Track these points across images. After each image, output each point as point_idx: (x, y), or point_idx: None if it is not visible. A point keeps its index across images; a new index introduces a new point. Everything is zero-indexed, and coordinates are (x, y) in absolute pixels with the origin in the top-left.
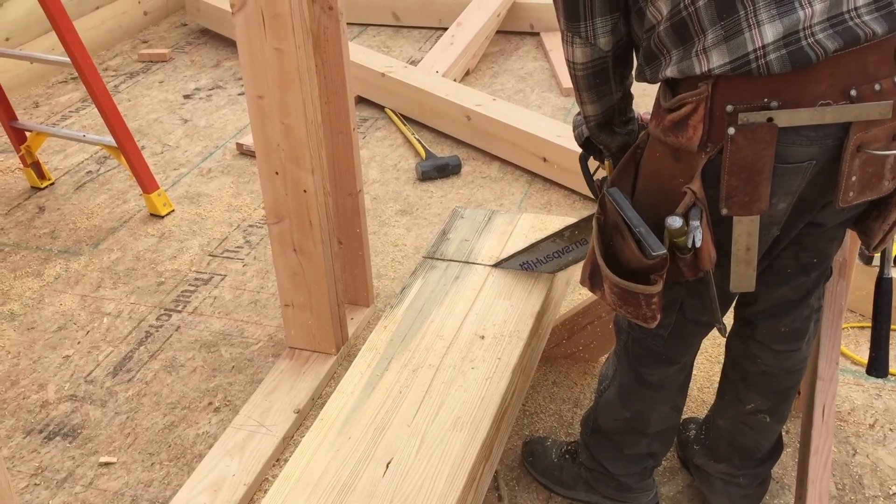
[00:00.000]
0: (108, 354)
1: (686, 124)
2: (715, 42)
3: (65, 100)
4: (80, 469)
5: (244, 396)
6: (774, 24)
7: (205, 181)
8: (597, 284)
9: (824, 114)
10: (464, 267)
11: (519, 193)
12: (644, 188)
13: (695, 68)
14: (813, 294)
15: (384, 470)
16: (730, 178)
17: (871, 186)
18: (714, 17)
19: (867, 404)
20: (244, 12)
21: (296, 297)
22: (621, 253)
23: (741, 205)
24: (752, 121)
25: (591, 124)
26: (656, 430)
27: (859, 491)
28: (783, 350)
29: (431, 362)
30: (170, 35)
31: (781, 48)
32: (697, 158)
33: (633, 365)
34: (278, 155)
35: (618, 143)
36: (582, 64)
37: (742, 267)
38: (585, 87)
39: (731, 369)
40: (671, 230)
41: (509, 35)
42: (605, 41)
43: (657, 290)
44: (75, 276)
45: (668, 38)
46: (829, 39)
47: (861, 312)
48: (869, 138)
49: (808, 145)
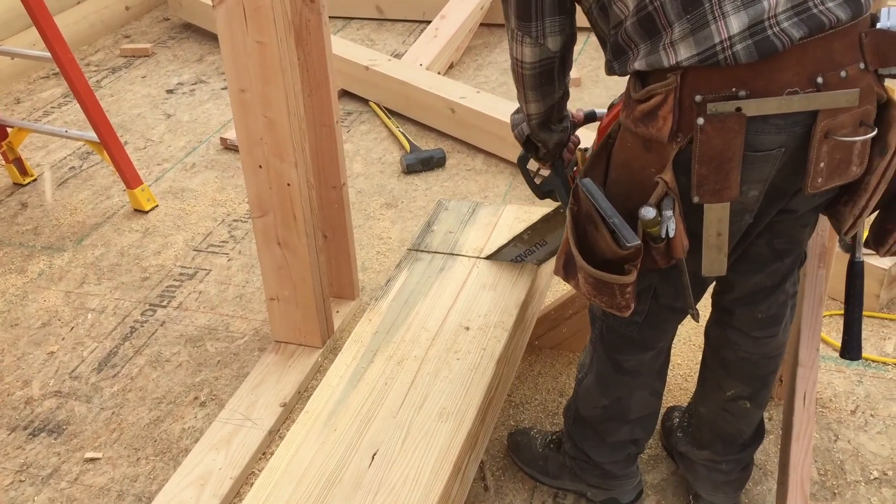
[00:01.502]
0: (93, 350)
1: (656, 115)
2: (682, 35)
3: (47, 95)
4: (66, 465)
5: (230, 391)
6: (739, 14)
7: (189, 176)
8: (571, 274)
9: (792, 102)
10: (448, 259)
11: (503, 185)
12: (616, 178)
13: (663, 61)
14: (787, 280)
15: (370, 461)
16: (700, 167)
17: (839, 172)
18: (680, 11)
19: (848, 391)
20: (225, 5)
21: (281, 291)
22: (595, 243)
23: (712, 193)
24: (720, 111)
25: (534, 122)
26: (637, 416)
27: (841, 476)
28: (761, 336)
29: (416, 354)
30: (152, 30)
31: (747, 38)
32: (668, 148)
33: (609, 352)
34: (261, 149)
35: (555, 141)
36: (530, 63)
37: (714, 252)
38: (532, 86)
39: (711, 357)
40: (644, 221)
41: (493, 28)
42: (553, 41)
43: (631, 280)
44: (59, 273)
45: (635, 32)
46: (794, 27)
47: (841, 300)
48: (836, 125)
49: (776, 133)
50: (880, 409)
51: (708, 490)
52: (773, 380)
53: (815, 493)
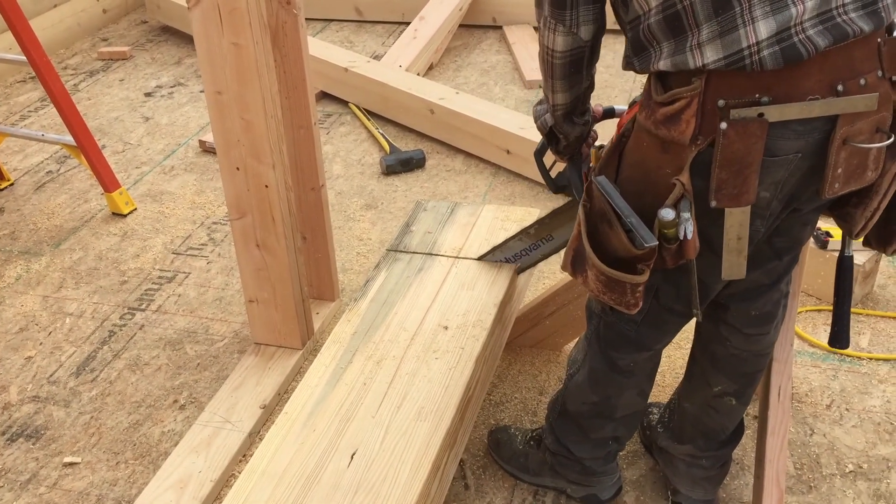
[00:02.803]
0: (71, 355)
1: (679, 118)
2: (710, 37)
3: (23, 99)
4: (44, 470)
5: (210, 393)
6: (768, 20)
7: (167, 179)
8: (579, 270)
9: (813, 108)
10: (427, 259)
11: (483, 186)
12: (628, 176)
13: (689, 63)
14: (784, 279)
15: (349, 461)
16: (720, 171)
17: (855, 177)
18: (710, 13)
19: (824, 385)
20: (200, 7)
21: (260, 293)
22: (608, 241)
23: (730, 197)
24: (743, 116)
25: (559, 113)
26: (622, 414)
27: (817, 470)
28: (753, 333)
29: (395, 354)
30: (130, 33)
31: (774, 44)
32: (687, 151)
33: (604, 349)
34: (239, 151)
35: (576, 134)
36: (561, 52)
37: (733, 256)
38: (561, 75)
39: (701, 352)
40: (663, 222)
41: (472, 29)
42: (585, 30)
43: (644, 280)
44: (36, 277)
45: (659, 30)
46: (820, 36)
47: (817, 296)
48: (854, 131)
49: (795, 139)
50: (855, 404)
51: (687, 485)
52: (759, 378)
53: (791, 487)
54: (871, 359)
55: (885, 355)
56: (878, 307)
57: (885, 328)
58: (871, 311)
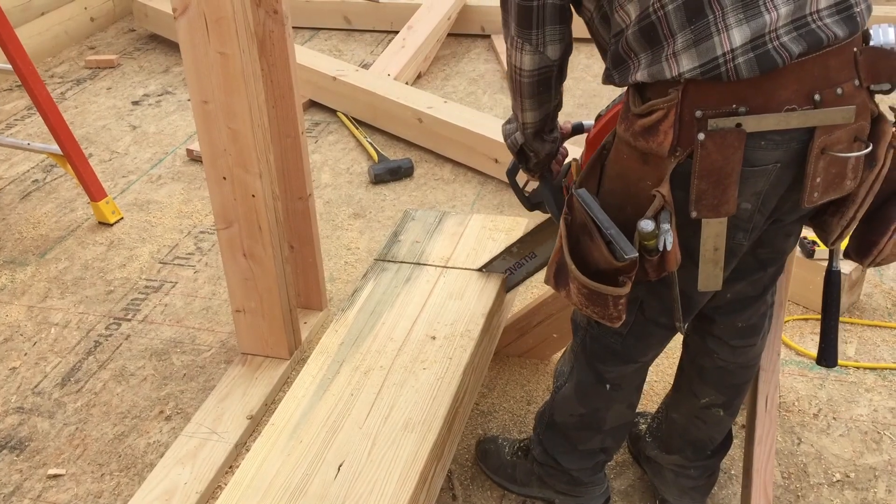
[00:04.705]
0: (56, 365)
1: (657, 129)
2: (685, 46)
3: (9, 108)
4: (28, 482)
5: (196, 404)
6: (742, 27)
7: (154, 188)
8: (562, 284)
9: (790, 119)
10: (415, 268)
11: (471, 195)
12: (609, 189)
13: (665, 72)
14: (769, 290)
15: (336, 472)
16: (700, 182)
17: (834, 186)
18: (683, 22)
19: (811, 394)
20: (186, 16)
21: (247, 303)
22: (589, 254)
23: (710, 208)
24: (721, 126)
25: (529, 131)
26: (611, 426)
27: (804, 479)
28: (739, 345)
29: (383, 364)
30: (117, 41)
31: (749, 52)
32: (666, 162)
33: (591, 362)
34: (225, 160)
35: (546, 151)
36: (529, 71)
37: (710, 267)
38: (529, 94)
39: (688, 364)
40: (643, 233)
41: (460, 38)
42: (552, 49)
43: (626, 292)
44: (21, 287)
45: (636, 41)
46: (794, 42)
47: (804, 305)
48: (832, 141)
49: (773, 149)
50: (842, 412)
51: (675, 495)
52: (747, 389)
53: (778, 496)
54: (857, 368)
55: (872, 364)
56: (865, 316)
57: (872, 337)
58: (858, 321)
